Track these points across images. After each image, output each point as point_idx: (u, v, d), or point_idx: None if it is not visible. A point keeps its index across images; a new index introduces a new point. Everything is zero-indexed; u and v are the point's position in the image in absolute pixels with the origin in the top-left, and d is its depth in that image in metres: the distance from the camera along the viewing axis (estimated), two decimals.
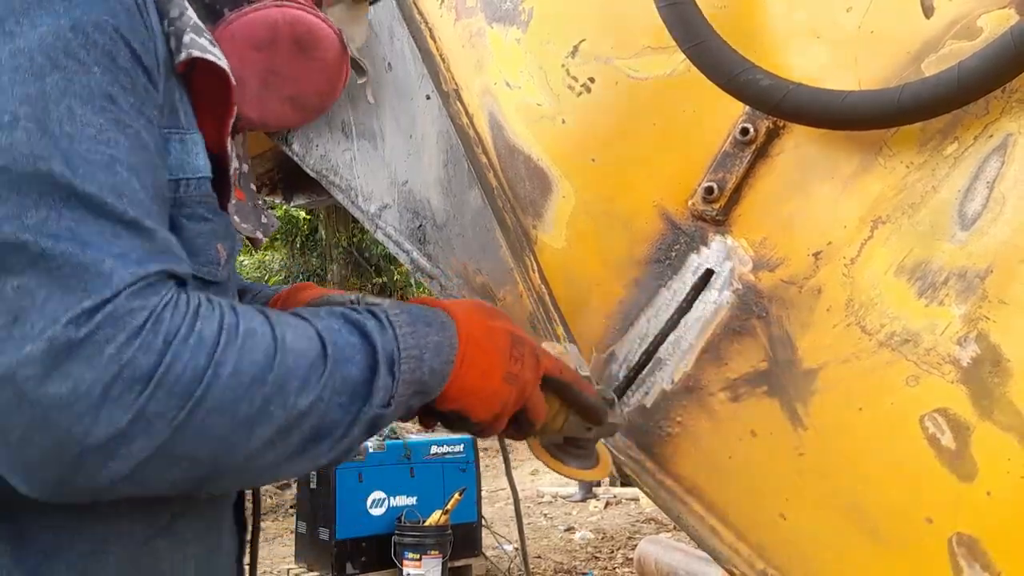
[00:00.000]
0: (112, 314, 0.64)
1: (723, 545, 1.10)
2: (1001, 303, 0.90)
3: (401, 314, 0.82)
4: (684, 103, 1.13)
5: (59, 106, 0.66)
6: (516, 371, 0.88)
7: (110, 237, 0.66)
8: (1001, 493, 0.90)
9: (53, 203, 0.64)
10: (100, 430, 0.63)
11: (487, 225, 1.31)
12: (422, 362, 0.81)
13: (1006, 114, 0.91)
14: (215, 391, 0.67)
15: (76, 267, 0.64)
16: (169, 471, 0.68)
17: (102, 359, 0.63)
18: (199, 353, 0.67)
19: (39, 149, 0.65)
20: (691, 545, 3.66)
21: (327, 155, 1.54)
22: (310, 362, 0.74)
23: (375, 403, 0.77)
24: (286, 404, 0.71)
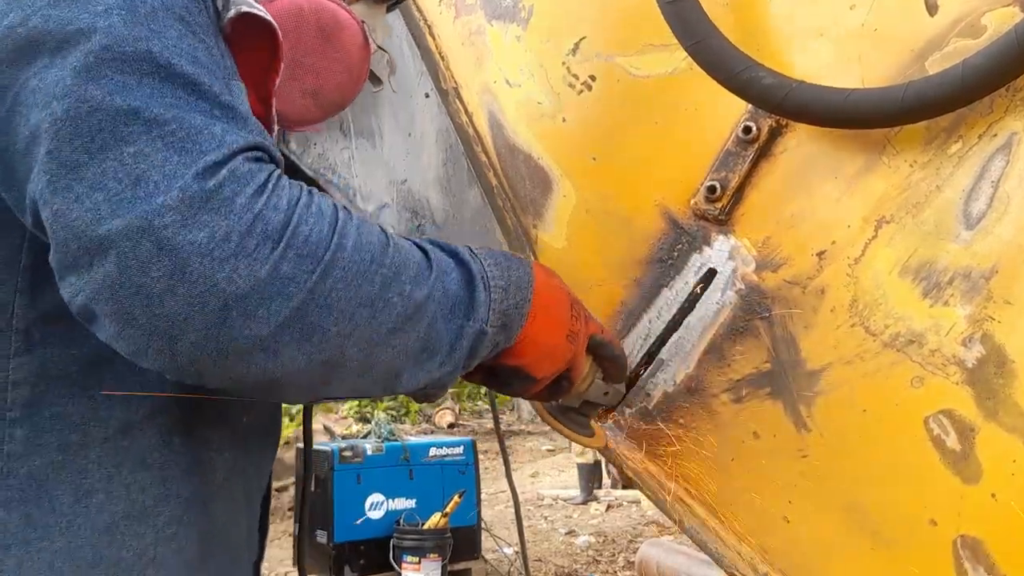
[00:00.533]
0: (235, 171, 0.65)
1: (725, 548, 1.09)
2: (1006, 303, 0.89)
3: (482, 248, 0.87)
4: (686, 101, 1.12)
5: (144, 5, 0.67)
6: (577, 329, 0.92)
7: (211, 113, 0.67)
8: (1006, 495, 0.89)
9: (156, 80, 0.65)
10: (241, 280, 0.63)
11: (487, 224, 1.30)
12: (507, 293, 0.84)
13: (1010, 112, 0.90)
14: (340, 261, 0.68)
15: (189, 130, 0.65)
16: (302, 344, 0.67)
17: (234, 208, 0.64)
18: (322, 221, 0.68)
19: (137, 32, 0.66)
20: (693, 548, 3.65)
21: (325, 154, 1.53)
22: (417, 261, 0.76)
23: (478, 317, 0.80)
24: (403, 292, 0.73)
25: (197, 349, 0.63)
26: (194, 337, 0.63)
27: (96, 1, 0.66)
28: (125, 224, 0.62)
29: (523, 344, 0.87)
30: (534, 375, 0.90)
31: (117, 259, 0.62)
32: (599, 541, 6.63)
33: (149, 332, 0.63)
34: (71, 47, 0.64)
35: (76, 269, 0.64)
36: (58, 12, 0.65)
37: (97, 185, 0.62)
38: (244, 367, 0.66)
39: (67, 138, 0.63)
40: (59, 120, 0.63)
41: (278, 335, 0.65)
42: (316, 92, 0.92)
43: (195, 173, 0.63)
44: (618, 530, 6.95)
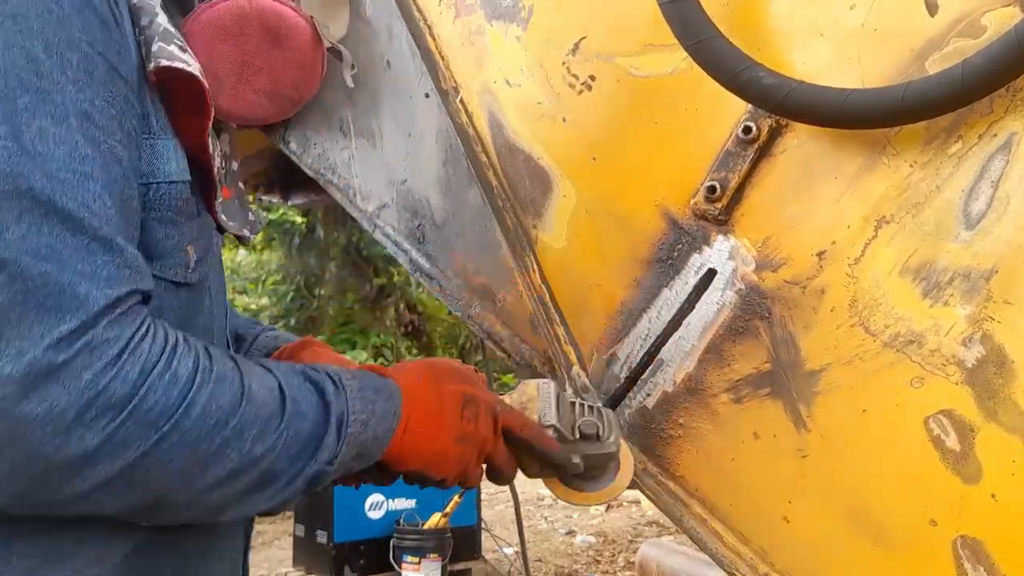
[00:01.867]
0: (90, 342, 0.67)
1: (725, 548, 1.09)
2: (1006, 303, 0.89)
3: (353, 380, 0.87)
4: (686, 101, 1.12)
5: (31, 127, 0.68)
6: (469, 431, 0.92)
7: (84, 253, 0.68)
8: (1006, 495, 0.89)
9: (33, 219, 0.66)
10: (69, 451, 0.66)
11: (487, 224, 1.30)
12: (367, 427, 0.85)
13: (1010, 112, 0.90)
14: (182, 427, 0.71)
15: (53, 288, 0.66)
16: (123, 496, 0.71)
17: (79, 384, 0.66)
18: (172, 389, 0.71)
19: (18, 167, 0.66)
20: (693, 548, 3.65)
21: (325, 154, 1.53)
22: (269, 413, 0.78)
23: (320, 459, 0.81)
24: (242, 449, 0.75)
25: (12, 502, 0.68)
26: (13, 490, 0.67)
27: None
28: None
29: (396, 453, 0.89)
30: (434, 477, 0.92)
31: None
32: (599, 541, 6.63)
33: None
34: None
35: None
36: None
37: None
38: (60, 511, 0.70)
39: None
40: None
41: (99, 489, 0.69)
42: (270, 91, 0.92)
43: (48, 344, 0.65)
44: (618, 530, 6.95)
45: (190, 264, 0.85)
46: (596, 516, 7.50)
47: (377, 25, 1.45)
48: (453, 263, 1.38)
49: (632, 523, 7.20)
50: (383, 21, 1.44)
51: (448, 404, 0.92)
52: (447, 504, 4.97)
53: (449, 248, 1.38)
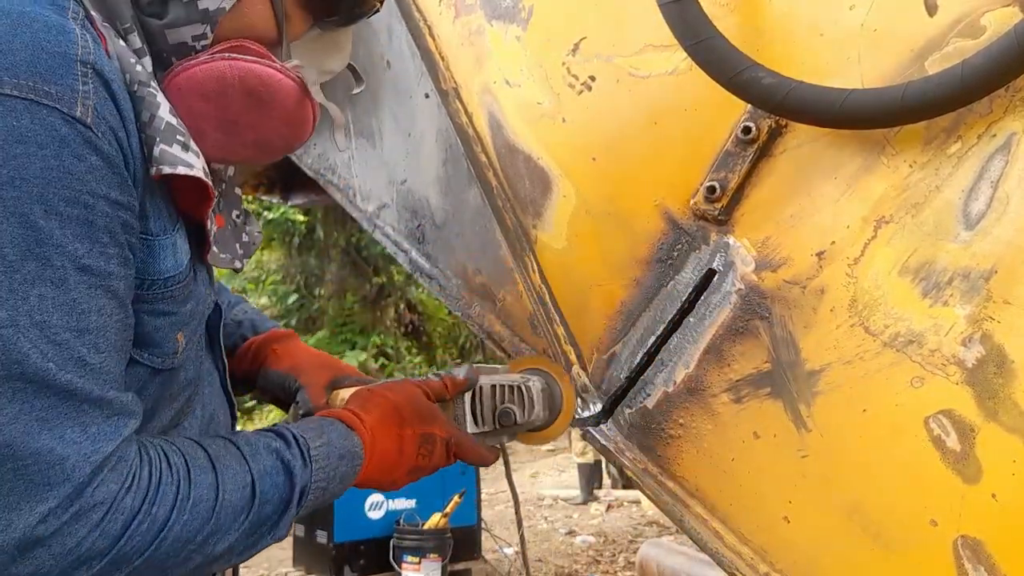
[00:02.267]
0: (77, 513, 0.72)
1: (725, 548, 1.09)
2: (1006, 303, 0.89)
3: (321, 447, 0.92)
4: (686, 101, 1.12)
5: (29, 298, 0.70)
6: (422, 464, 1.02)
7: (76, 416, 0.73)
8: (1006, 495, 0.89)
9: (26, 397, 0.70)
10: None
11: (487, 224, 1.30)
12: (326, 491, 0.92)
13: (1010, 113, 0.90)
14: (153, 557, 0.77)
15: (43, 465, 0.70)
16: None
17: (64, 550, 0.72)
18: (150, 531, 0.77)
19: (16, 352, 0.70)
20: (693, 548, 3.65)
21: (325, 154, 1.53)
22: (238, 512, 0.84)
23: (278, 534, 0.89)
24: (205, 552, 0.82)
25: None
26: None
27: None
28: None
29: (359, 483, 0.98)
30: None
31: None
32: (599, 541, 6.63)
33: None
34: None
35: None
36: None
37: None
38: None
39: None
40: None
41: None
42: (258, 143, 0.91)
43: (38, 519, 0.70)
44: (618, 530, 6.95)
45: (179, 351, 0.89)
46: (596, 516, 7.50)
47: (377, 25, 1.45)
48: (453, 263, 1.38)
49: (632, 523, 7.20)
50: (383, 21, 1.44)
51: (407, 446, 1.00)
52: (447, 504, 4.97)
53: (449, 248, 1.38)
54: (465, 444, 1.06)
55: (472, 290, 1.35)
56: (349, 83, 1.18)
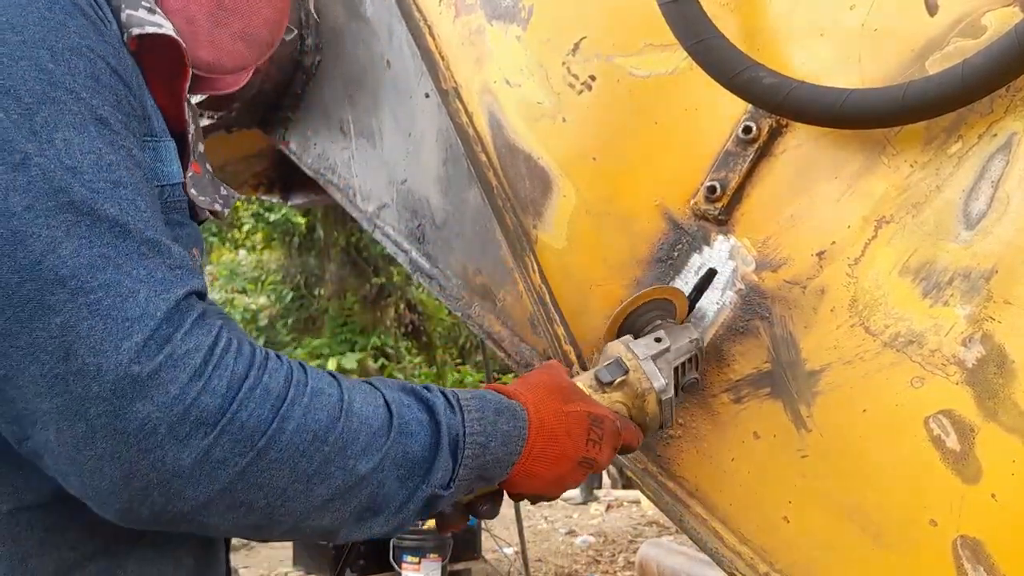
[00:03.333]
0: (171, 354, 0.65)
1: (725, 548, 1.09)
2: (1006, 303, 0.89)
3: (472, 399, 0.83)
4: (686, 101, 1.12)
5: (55, 140, 0.66)
6: (594, 455, 0.89)
7: (137, 259, 0.67)
8: (1006, 495, 0.89)
9: (81, 231, 0.65)
10: (165, 468, 0.65)
11: (487, 224, 1.30)
12: (487, 449, 0.82)
13: (1010, 113, 0.90)
14: (278, 444, 0.68)
15: (116, 299, 0.65)
16: (226, 516, 0.69)
17: (167, 398, 0.64)
18: (264, 404, 0.68)
19: (56, 181, 0.65)
20: (693, 548, 3.65)
21: (325, 154, 1.53)
22: (374, 430, 0.75)
23: (433, 482, 0.78)
24: (345, 467, 0.72)
25: (123, 515, 0.67)
26: (119, 507, 0.67)
27: (11, 150, 0.65)
28: (60, 405, 0.64)
29: (518, 480, 0.86)
30: (546, 498, 0.90)
31: (56, 433, 0.65)
32: (599, 541, 6.63)
33: (83, 493, 0.67)
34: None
35: (18, 422, 0.67)
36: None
37: (31, 357, 0.64)
38: (171, 528, 0.69)
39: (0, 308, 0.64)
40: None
41: (201, 510, 0.68)
42: (245, 34, 0.91)
43: (129, 358, 0.64)
44: (618, 530, 6.95)
45: (198, 267, 0.84)
46: (596, 516, 7.50)
47: (377, 25, 1.45)
48: (453, 263, 1.38)
49: (632, 523, 7.20)
50: (383, 21, 1.44)
51: (574, 427, 0.88)
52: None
53: (449, 248, 1.38)
54: (632, 433, 0.95)
55: (472, 290, 1.35)
56: (349, 82, 1.19)
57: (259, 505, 0.69)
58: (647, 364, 0.98)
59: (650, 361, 0.98)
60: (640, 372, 0.97)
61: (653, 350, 0.99)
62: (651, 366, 0.98)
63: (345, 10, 1.52)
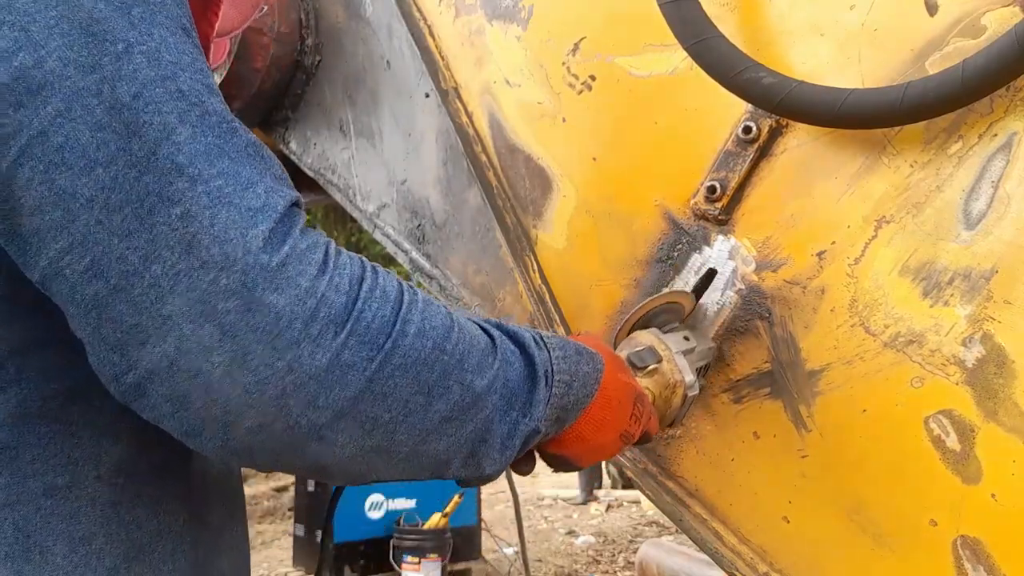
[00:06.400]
0: (294, 247, 0.61)
1: (725, 548, 1.09)
2: (1006, 303, 0.89)
3: (553, 338, 0.82)
4: (686, 101, 1.12)
5: (154, 35, 0.62)
6: (632, 431, 0.87)
7: (247, 157, 0.63)
8: (1006, 495, 0.89)
9: (193, 119, 0.61)
10: (302, 369, 0.60)
11: (487, 224, 1.30)
12: (570, 388, 0.80)
13: (1011, 112, 0.90)
14: (401, 348, 0.65)
15: (236, 187, 0.60)
16: (354, 432, 0.64)
17: (299, 292, 0.60)
18: (385, 305, 0.65)
19: (163, 69, 0.61)
20: (693, 548, 3.65)
21: (325, 154, 1.53)
22: (482, 348, 0.72)
23: (534, 415, 0.76)
24: (463, 381, 0.69)
25: (251, 436, 0.61)
26: (250, 424, 0.61)
27: (114, 40, 0.60)
28: (184, 306, 0.58)
29: (569, 438, 0.84)
30: (577, 465, 0.87)
31: (179, 342, 0.59)
32: (599, 541, 6.63)
33: (204, 417, 0.61)
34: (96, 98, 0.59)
35: (125, 347, 0.60)
36: (76, 55, 0.59)
37: (153, 256, 0.58)
38: (297, 455, 0.64)
39: (117, 207, 0.59)
40: (107, 189, 0.59)
41: (333, 424, 0.63)
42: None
43: (258, 247, 0.59)
44: (618, 530, 6.95)
45: None
46: (596, 516, 7.50)
47: (377, 25, 1.45)
48: (453, 263, 1.38)
49: (632, 523, 7.20)
50: (383, 21, 1.44)
51: (625, 398, 0.87)
52: (447, 504, 4.97)
53: (449, 248, 1.38)
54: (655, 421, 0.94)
55: (472, 290, 1.35)
56: (350, 82, 1.19)
57: (383, 420, 0.65)
58: (679, 358, 0.98)
59: (682, 356, 0.98)
60: (673, 364, 0.97)
61: (684, 346, 1.00)
62: (683, 360, 0.98)
63: (345, 10, 1.52)
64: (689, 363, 0.99)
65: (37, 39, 0.59)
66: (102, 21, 0.61)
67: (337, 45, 1.54)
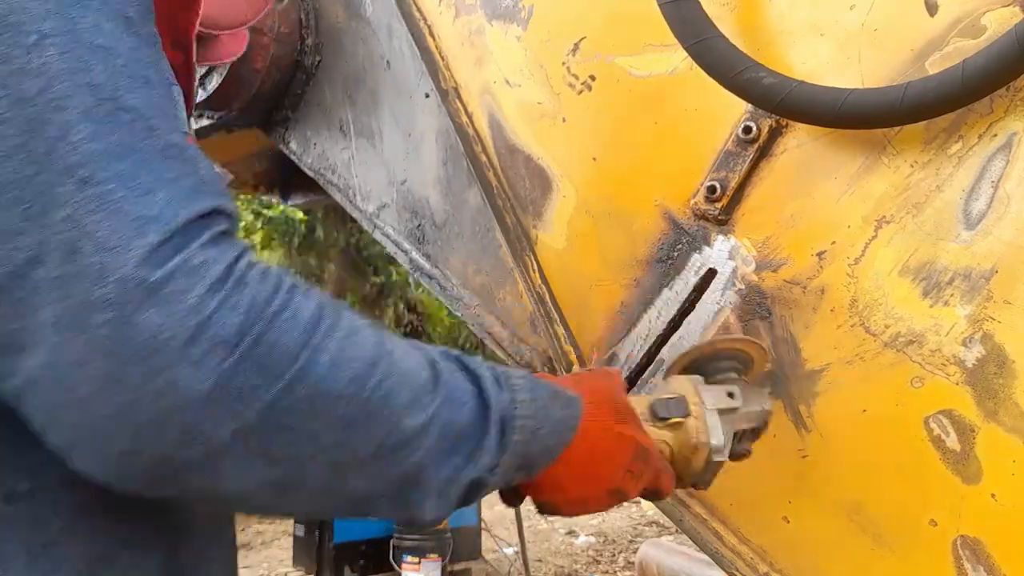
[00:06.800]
0: (187, 260, 0.56)
1: (725, 548, 1.09)
2: (1006, 303, 0.89)
3: (521, 379, 0.75)
4: (686, 101, 1.12)
5: (86, 19, 0.59)
6: (626, 488, 0.80)
7: (160, 159, 0.58)
8: (1006, 495, 0.89)
9: (99, 115, 0.57)
10: (178, 394, 0.55)
11: (487, 225, 1.30)
12: (536, 437, 0.73)
13: (1011, 113, 0.90)
14: (309, 377, 0.58)
15: (130, 193, 0.56)
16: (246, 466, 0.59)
17: (181, 308, 0.55)
18: (294, 329, 0.58)
19: (76, 61, 0.58)
20: (693, 548, 3.65)
21: (325, 154, 1.53)
22: (419, 384, 0.66)
23: (480, 465, 0.69)
24: (389, 419, 0.63)
25: (123, 461, 0.57)
26: (122, 448, 0.57)
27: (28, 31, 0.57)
28: (59, 314, 0.55)
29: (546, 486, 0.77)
30: (562, 514, 0.81)
31: (50, 353, 0.55)
32: (599, 541, 6.63)
33: (75, 435, 0.57)
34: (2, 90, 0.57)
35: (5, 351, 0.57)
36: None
37: (36, 259, 0.55)
38: (177, 484, 0.59)
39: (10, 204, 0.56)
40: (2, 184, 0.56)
41: (220, 454, 0.57)
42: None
43: (138, 258, 0.55)
44: (618, 530, 6.95)
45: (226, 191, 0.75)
46: (596, 516, 7.50)
47: (377, 25, 1.45)
48: (453, 263, 1.38)
49: (632, 523, 7.20)
50: (383, 21, 1.44)
51: (618, 451, 0.79)
52: None
53: (449, 248, 1.38)
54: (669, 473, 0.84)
55: (472, 290, 1.35)
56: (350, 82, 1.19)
57: (288, 454, 0.59)
58: (711, 416, 0.87)
59: (715, 414, 0.87)
60: (701, 421, 0.86)
61: (722, 404, 0.89)
62: (715, 419, 0.87)
63: (345, 10, 1.52)
64: (724, 423, 0.88)
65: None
66: (18, 9, 0.58)
67: (337, 45, 1.54)
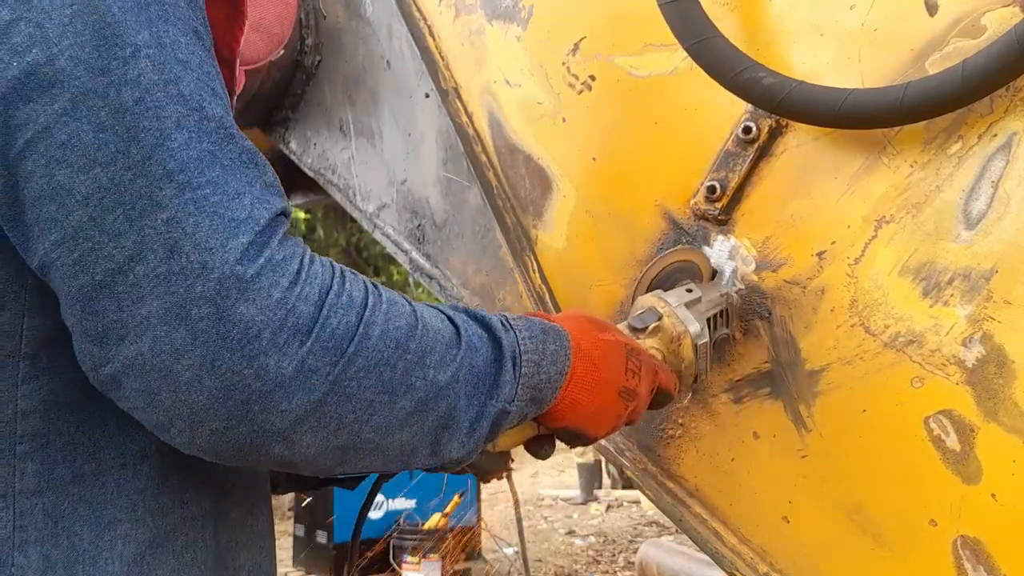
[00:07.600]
0: (271, 258, 0.64)
1: (725, 548, 1.09)
2: (1006, 303, 0.89)
3: (518, 320, 0.84)
4: (686, 101, 1.12)
5: (168, 35, 0.65)
6: (632, 386, 0.88)
7: (240, 165, 0.65)
8: (1006, 495, 0.89)
9: (191, 125, 0.63)
10: (268, 376, 0.63)
11: (487, 225, 1.30)
12: (540, 367, 0.82)
13: (1011, 113, 0.90)
14: (364, 351, 0.68)
15: (223, 196, 0.63)
16: (318, 434, 0.67)
17: (270, 303, 0.63)
18: (350, 311, 0.67)
19: (168, 73, 0.64)
20: (693, 548, 3.65)
21: (325, 154, 1.53)
22: (446, 341, 0.75)
23: (501, 397, 0.78)
24: (426, 376, 0.72)
25: (216, 436, 0.65)
26: (215, 426, 0.64)
27: (123, 43, 0.63)
28: (161, 308, 0.61)
29: (562, 409, 0.85)
30: (589, 435, 0.88)
31: (152, 342, 0.62)
32: (599, 541, 6.63)
33: (172, 415, 0.64)
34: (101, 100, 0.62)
35: (104, 341, 0.63)
36: (87, 56, 0.62)
37: (137, 258, 0.62)
38: (261, 454, 0.67)
39: (110, 207, 0.62)
40: (103, 188, 0.62)
41: (296, 427, 0.66)
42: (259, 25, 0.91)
43: (235, 258, 0.62)
44: (618, 530, 6.95)
45: None
46: (596, 516, 7.50)
47: (377, 25, 1.45)
48: (453, 263, 1.38)
49: (632, 523, 7.20)
50: (383, 21, 1.44)
51: (612, 354, 0.88)
52: (447, 504, 4.97)
53: (449, 248, 1.38)
54: (668, 376, 0.94)
55: (472, 290, 1.35)
56: (349, 82, 1.19)
57: (348, 420, 0.68)
58: (680, 310, 0.97)
59: (683, 308, 0.97)
60: (674, 317, 0.96)
61: (685, 299, 0.99)
62: (685, 311, 0.97)
63: (345, 10, 1.52)
64: (695, 313, 0.98)
65: (51, 36, 0.62)
66: (114, 23, 0.63)
67: (337, 45, 1.54)
